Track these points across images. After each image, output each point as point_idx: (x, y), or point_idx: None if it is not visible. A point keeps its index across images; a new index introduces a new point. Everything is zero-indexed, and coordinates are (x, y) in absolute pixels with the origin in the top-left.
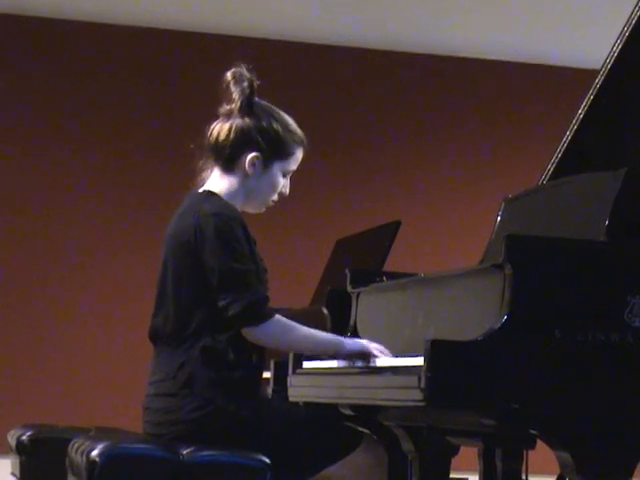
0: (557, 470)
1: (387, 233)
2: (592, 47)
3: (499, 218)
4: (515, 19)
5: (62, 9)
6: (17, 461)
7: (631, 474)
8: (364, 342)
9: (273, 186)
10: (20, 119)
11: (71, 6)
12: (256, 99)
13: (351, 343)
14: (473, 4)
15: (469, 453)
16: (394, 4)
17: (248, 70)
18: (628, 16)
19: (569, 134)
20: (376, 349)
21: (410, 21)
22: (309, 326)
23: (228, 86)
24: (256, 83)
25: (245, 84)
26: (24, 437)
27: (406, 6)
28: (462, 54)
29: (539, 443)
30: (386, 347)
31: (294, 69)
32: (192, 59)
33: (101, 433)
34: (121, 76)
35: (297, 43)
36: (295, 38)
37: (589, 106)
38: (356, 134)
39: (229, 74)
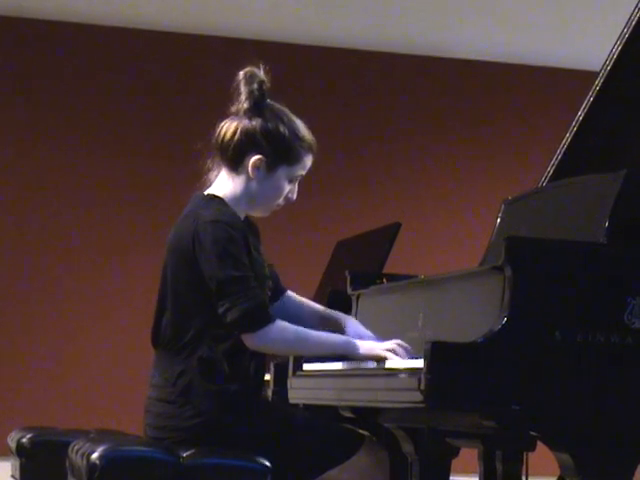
0: (557, 472)
1: (387, 235)
2: (591, 49)
3: (499, 220)
4: (514, 21)
5: (69, 12)
6: (17, 463)
7: (631, 476)
8: (378, 345)
9: (277, 191)
10: (23, 120)
11: (79, 9)
12: (268, 101)
13: (366, 348)
14: (473, 6)
15: (469, 455)
16: (393, 6)
17: (264, 71)
18: (628, 18)
19: (569, 136)
20: (392, 351)
21: (409, 23)
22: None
23: (239, 85)
24: (267, 85)
25: (255, 85)
26: (24, 439)
27: (406, 8)
28: (462, 56)
29: (539, 445)
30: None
31: (293, 71)
32: (195, 61)
33: (101, 435)
34: (125, 78)
35: (295, 45)
36: (292, 40)
37: (589, 108)
38: (356, 136)
39: (241, 73)
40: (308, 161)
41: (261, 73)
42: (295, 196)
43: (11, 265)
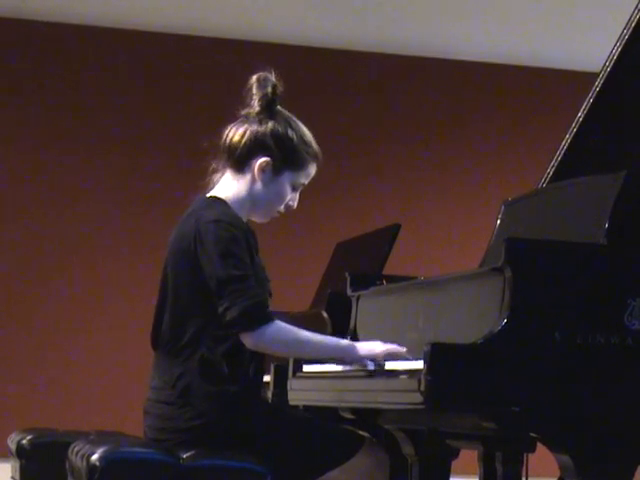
0: (557, 473)
1: (387, 236)
2: (592, 50)
3: (499, 221)
4: (515, 22)
5: (73, 13)
6: (17, 465)
7: (631, 477)
8: (378, 346)
9: (280, 196)
10: (25, 120)
11: (85, 10)
12: (278, 107)
13: (366, 349)
14: (473, 7)
15: (469, 456)
16: (393, 8)
17: (276, 77)
18: (627, 19)
19: (569, 137)
20: (390, 352)
21: (410, 25)
22: (310, 330)
23: (251, 88)
24: (279, 89)
25: (268, 89)
26: (24, 441)
27: (406, 10)
28: (462, 57)
29: (539, 446)
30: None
31: (292, 72)
32: (199, 63)
33: (101, 437)
34: (126, 79)
35: (295, 46)
36: (293, 41)
37: (589, 109)
38: (356, 137)
39: (254, 77)
40: (312, 169)
41: (273, 77)
42: (296, 204)
43: (11, 266)
